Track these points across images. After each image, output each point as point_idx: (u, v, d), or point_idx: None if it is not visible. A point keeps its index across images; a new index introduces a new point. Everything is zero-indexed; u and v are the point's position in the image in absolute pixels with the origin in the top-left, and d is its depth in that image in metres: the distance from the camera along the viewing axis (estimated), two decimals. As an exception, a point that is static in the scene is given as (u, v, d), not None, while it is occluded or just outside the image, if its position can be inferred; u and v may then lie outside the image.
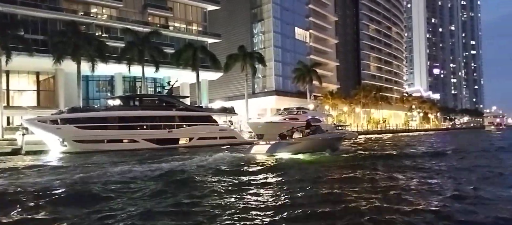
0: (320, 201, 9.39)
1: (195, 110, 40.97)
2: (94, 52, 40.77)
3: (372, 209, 8.35)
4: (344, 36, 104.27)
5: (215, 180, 13.08)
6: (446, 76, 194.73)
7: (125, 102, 37.02)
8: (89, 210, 8.66)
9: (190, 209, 8.84)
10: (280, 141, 22.80)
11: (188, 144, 36.44)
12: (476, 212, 8.02)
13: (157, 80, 57.98)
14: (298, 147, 22.29)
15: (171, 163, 18.53)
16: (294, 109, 53.61)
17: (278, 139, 23.25)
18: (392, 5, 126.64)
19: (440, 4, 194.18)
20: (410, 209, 8.34)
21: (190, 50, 48.46)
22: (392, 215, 7.88)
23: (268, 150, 21.99)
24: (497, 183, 11.78)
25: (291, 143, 22.55)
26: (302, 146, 22.47)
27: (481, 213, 7.99)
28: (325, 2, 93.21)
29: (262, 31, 79.65)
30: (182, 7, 62.02)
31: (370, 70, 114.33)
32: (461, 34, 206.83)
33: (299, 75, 67.44)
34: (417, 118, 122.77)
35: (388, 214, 7.96)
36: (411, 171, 14.73)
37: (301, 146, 22.46)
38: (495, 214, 7.80)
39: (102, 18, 53.45)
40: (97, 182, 12.77)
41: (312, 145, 22.81)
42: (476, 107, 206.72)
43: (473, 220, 7.60)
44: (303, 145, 22.52)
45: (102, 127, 33.30)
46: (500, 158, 20.23)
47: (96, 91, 54.86)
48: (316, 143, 23.09)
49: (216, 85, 70.72)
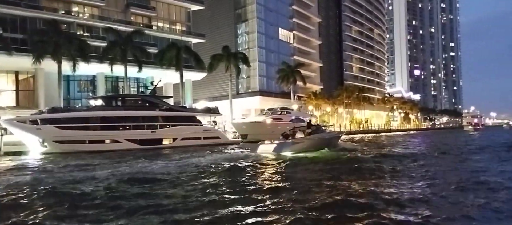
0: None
1: (179, 110, 40.73)
2: (76, 51, 40.15)
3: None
4: (327, 37, 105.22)
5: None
6: (426, 77, 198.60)
7: (107, 102, 36.50)
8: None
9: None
10: (285, 141, 24.24)
11: (171, 145, 36.21)
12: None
13: (140, 80, 57.42)
14: (302, 146, 23.82)
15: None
16: (278, 109, 53.86)
17: (281, 138, 24.72)
18: (374, 7, 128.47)
19: (421, 6, 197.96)
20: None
21: (174, 50, 48.13)
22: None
23: (275, 149, 23.25)
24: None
25: (295, 142, 24.14)
26: (305, 145, 23.97)
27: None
28: (308, 4, 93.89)
29: (246, 32, 79.73)
30: (166, 7, 61.58)
31: (353, 71, 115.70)
32: (441, 36, 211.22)
33: (283, 76, 67.78)
34: (398, 119, 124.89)
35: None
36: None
37: (305, 145, 23.97)
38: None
39: (84, 17, 52.64)
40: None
41: (314, 144, 24.48)
42: (455, 107, 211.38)
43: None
44: (306, 144, 24.03)
45: (84, 128, 32.80)
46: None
47: (78, 91, 54.00)
48: (318, 142, 24.89)
49: (200, 85, 70.44)
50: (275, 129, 49.50)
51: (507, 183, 12.36)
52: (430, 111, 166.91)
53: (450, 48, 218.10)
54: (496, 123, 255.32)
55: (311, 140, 24.71)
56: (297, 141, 24.57)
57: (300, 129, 26.38)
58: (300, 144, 24.12)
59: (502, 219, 8.06)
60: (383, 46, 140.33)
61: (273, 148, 23.51)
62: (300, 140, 24.64)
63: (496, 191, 10.95)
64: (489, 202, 9.38)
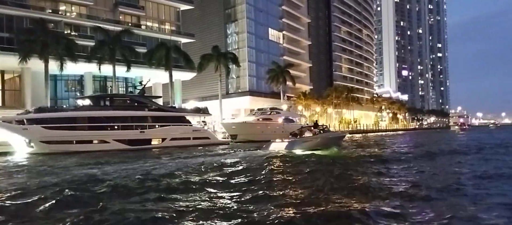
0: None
1: (168, 110, 40.54)
2: (63, 50, 39.71)
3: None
4: (317, 37, 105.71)
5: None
6: (414, 77, 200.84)
7: (95, 102, 36.17)
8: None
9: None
10: (296, 139, 25.66)
11: (160, 145, 36.03)
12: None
13: (129, 79, 56.97)
14: (311, 144, 25.04)
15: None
16: (267, 109, 53.98)
17: (291, 137, 26.18)
18: (362, 8, 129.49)
19: (408, 7, 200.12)
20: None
21: (163, 50, 47.90)
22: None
23: (287, 147, 24.39)
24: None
25: (305, 140, 25.44)
26: (314, 143, 25.25)
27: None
28: (298, 4, 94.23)
29: (236, 32, 79.68)
30: (155, 6, 61.19)
31: (342, 71, 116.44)
32: (428, 37, 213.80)
33: (273, 76, 67.92)
34: (386, 119, 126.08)
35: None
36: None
37: (314, 143, 25.23)
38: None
39: (71, 16, 52.01)
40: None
41: (322, 143, 25.92)
42: (442, 107, 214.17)
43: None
44: (315, 143, 25.33)
45: (71, 128, 32.45)
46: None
47: (65, 91, 53.33)
48: (326, 141, 26.48)
49: (189, 85, 70.18)
50: (265, 129, 49.69)
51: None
52: (418, 111, 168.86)
53: (437, 49, 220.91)
54: (482, 123, 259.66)
55: (319, 139, 25.93)
56: (307, 139, 25.73)
57: (308, 129, 27.67)
58: (309, 143, 25.17)
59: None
60: (371, 46, 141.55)
61: (285, 146, 24.49)
62: (311, 139, 25.79)
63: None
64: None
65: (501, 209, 8.63)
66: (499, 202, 9.34)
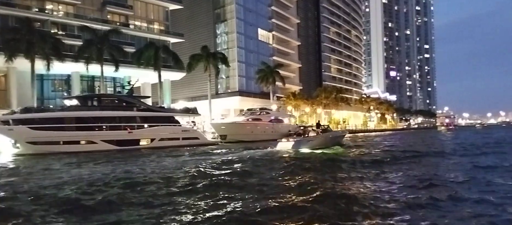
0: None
1: (157, 110, 40.27)
2: (50, 50, 39.20)
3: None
4: (306, 38, 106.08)
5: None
6: (401, 78, 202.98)
7: (82, 102, 35.76)
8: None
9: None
10: (301, 139, 27.12)
11: (149, 145, 35.77)
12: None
13: (117, 79, 56.43)
14: (316, 143, 26.55)
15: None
16: (257, 109, 54.05)
17: (295, 137, 27.77)
18: (351, 9, 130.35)
19: (396, 9, 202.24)
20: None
21: (152, 50, 47.57)
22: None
23: (293, 146, 25.75)
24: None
25: (310, 140, 26.91)
26: (318, 142, 26.78)
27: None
28: (287, 5, 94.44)
29: (226, 32, 79.50)
30: (143, 6, 60.74)
31: (331, 72, 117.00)
32: (416, 38, 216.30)
33: (263, 76, 67.95)
34: (375, 119, 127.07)
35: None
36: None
37: (318, 142, 26.75)
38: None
39: (58, 15, 51.30)
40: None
41: (325, 141, 27.58)
42: (429, 108, 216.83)
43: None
44: (319, 142, 26.87)
45: (58, 128, 32.02)
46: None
47: (52, 91, 52.59)
48: (329, 140, 28.13)
49: (178, 86, 69.80)
50: (255, 129, 49.71)
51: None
52: (406, 112, 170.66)
53: (424, 50, 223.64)
54: (469, 123, 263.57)
55: (323, 139, 27.48)
56: (311, 138, 27.12)
57: (312, 129, 29.38)
58: (314, 142, 26.61)
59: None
60: (360, 47, 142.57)
61: (291, 145, 25.81)
62: (315, 138, 27.26)
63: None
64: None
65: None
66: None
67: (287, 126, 57.44)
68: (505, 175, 14.26)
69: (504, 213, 8.39)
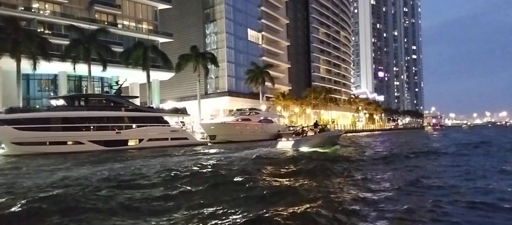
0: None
1: (145, 110, 39.99)
2: (36, 49, 38.63)
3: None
4: (295, 38, 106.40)
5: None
6: (389, 79, 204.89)
7: (69, 102, 35.30)
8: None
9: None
10: (301, 138, 28.12)
11: (137, 146, 35.49)
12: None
13: (105, 79, 55.93)
14: (314, 142, 27.53)
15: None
16: (246, 110, 54.04)
17: (294, 136, 29.01)
18: (340, 10, 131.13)
19: (385, 10, 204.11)
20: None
21: (140, 49, 47.23)
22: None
23: (293, 145, 26.60)
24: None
25: (309, 139, 27.93)
26: (317, 141, 27.82)
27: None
28: (276, 5, 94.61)
29: (215, 32, 79.29)
30: (132, 5, 60.26)
31: (320, 72, 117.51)
32: (403, 39, 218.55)
33: (252, 76, 67.94)
34: (363, 119, 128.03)
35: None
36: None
37: (316, 142, 27.79)
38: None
39: (45, 14, 50.57)
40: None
41: (323, 141, 28.62)
42: (417, 108, 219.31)
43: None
44: (317, 141, 27.93)
45: (44, 129, 31.57)
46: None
47: (38, 91, 51.87)
48: (326, 139, 29.29)
49: (167, 86, 69.40)
50: (244, 129, 49.70)
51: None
52: (394, 112, 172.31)
53: (412, 51, 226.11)
54: (455, 123, 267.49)
55: (321, 138, 28.58)
56: (310, 138, 28.13)
57: (310, 128, 30.43)
58: (313, 141, 27.61)
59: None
60: (349, 48, 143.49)
61: (291, 144, 26.65)
62: (314, 137, 28.28)
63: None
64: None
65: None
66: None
67: (277, 126, 57.62)
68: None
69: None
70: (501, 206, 8.93)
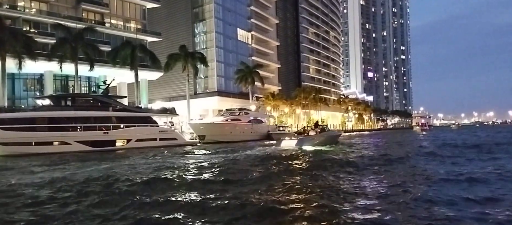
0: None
1: (133, 110, 39.56)
2: (21, 48, 37.93)
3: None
4: (285, 38, 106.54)
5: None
6: (378, 79, 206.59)
7: (55, 102, 34.73)
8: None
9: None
10: (303, 137, 30.08)
11: (125, 146, 35.09)
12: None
13: (92, 79, 55.23)
14: (316, 142, 29.25)
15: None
16: (236, 110, 53.89)
17: (296, 135, 31.16)
18: (330, 10, 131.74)
19: (373, 11, 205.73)
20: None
21: (128, 48, 46.74)
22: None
23: (297, 144, 28.31)
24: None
25: (311, 138, 29.82)
26: (318, 141, 29.54)
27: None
28: (266, 5, 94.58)
29: (204, 31, 78.93)
30: (119, 4, 59.61)
31: (310, 73, 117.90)
32: (392, 39, 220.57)
33: (242, 76, 67.75)
34: (352, 119, 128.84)
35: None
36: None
37: (318, 141, 29.52)
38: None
39: (31, 13, 49.74)
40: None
41: (324, 140, 30.39)
42: (406, 108, 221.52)
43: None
44: (319, 140, 29.63)
45: (30, 129, 31.02)
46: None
47: (24, 90, 50.95)
48: (327, 139, 31.04)
49: (156, 85, 68.88)
50: (233, 130, 49.54)
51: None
52: (383, 112, 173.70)
53: (401, 51, 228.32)
54: (443, 123, 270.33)
55: (322, 137, 30.40)
56: (312, 137, 30.01)
57: (311, 128, 32.45)
58: (315, 140, 29.39)
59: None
60: (338, 48, 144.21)
61: (295, 143, 28.44)
62: (316, 137, 30.12)
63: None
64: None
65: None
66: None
67: (266, 126, 57.61)
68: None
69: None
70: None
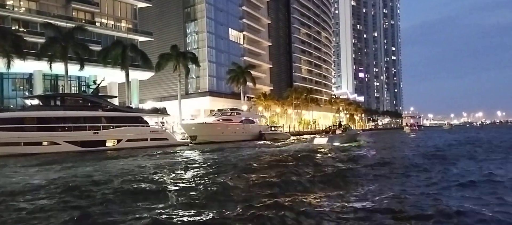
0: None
1: (124, 110, 39.28)
2: (10, 47, 37.42)
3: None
4: (277, 39, 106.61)
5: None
6: (369, 79, 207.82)
7: (44, 102, 34.36)
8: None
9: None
10: (333, 135, 37.06)
11: (116, 146, 34.81)
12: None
13: (82, 78, 54.74)
14: (343, 139, 35.54)
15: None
16: (228, 110, 53.74)
17: (324, 134, 41.00)
18: (321, 10, 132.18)
19: (365, 11, 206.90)
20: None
21: (119, 48, 46.39)
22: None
23: (328, 141, 34.50)
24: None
25: (339, 136, 36.35)
26: (345, 138, 36.18)
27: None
28: (258, 5, 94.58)
29: (196, 31, 78.64)
30: (110, 3, 59.13)
31: (301, 73, 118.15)
32: (383, 40, 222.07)
33: (233, 76, 67.62)
34: (344, 119, 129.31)
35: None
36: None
37: (345, 138, 36.11)
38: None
39: (20, 11, 49.11)
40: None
41: (349, 138, 37.26)
42: (396, 109, 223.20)
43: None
44: (345, 138, 36.23)
45: (18, 129, 30.62)
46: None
47: (12, 90, 50.32)
48: (351, 137, 38.45)
49: (147, 85, 68.45)
50: (225, 130, 49.41)
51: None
52: (373, 112, 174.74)
53: (391, 52, 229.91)
54: (433, 123, 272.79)
55: (348, 135, 38.08)
56: (340, 135, 36.70)
57: (337, 127, 40.31)
58: (342, 138, 35.66)
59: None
60: (330, 49, 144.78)
61: (326, 140, 34.61)
62: (342, 135, 37.14)
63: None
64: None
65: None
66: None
67: (258, 126, 57.55)
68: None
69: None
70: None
